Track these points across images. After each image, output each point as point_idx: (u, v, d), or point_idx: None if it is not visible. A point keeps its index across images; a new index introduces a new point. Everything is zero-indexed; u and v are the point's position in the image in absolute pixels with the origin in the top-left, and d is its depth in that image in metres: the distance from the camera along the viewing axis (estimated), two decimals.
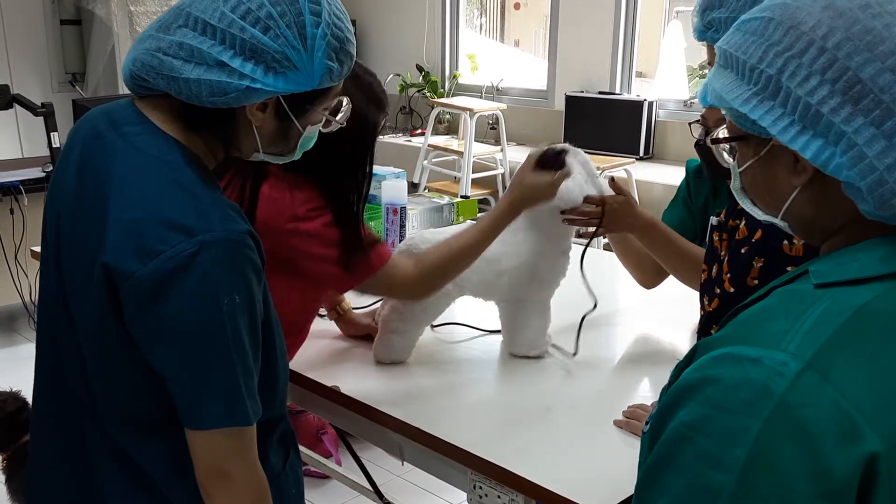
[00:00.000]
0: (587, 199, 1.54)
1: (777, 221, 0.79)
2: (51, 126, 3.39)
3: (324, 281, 1.43)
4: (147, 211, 0.93)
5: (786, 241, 1.21)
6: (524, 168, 1.51)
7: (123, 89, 4.99)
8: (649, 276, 1.74)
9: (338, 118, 1.12)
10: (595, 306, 1.60)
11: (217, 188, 1.01)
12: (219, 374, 0.95)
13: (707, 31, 1.36)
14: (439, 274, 1.44)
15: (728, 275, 1.30)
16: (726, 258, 1.31)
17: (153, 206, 0.94)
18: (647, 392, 1.49)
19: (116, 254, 0.92)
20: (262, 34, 0.95)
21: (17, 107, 3.33)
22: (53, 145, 3.40)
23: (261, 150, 1.07)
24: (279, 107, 1.02)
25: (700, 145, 1.50)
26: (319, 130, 1.11)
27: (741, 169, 0.80)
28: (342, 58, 1.02)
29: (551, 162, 1.50)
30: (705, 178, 1.67)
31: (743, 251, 1.27)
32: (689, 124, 1.53)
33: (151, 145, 0.98)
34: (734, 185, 0.83)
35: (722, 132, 0.82)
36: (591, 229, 1.57)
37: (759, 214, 0.82)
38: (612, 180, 1.60)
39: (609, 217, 1.55)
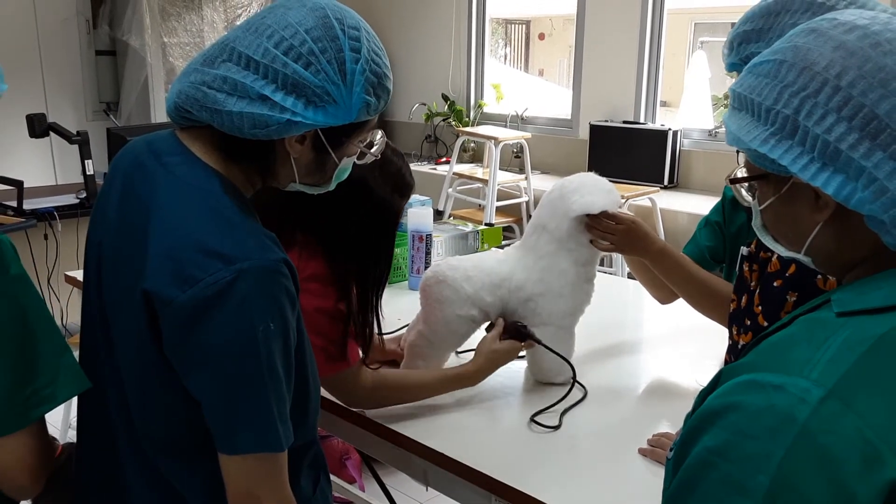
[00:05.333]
0: (604, 215, 1.57)
1: (800, 257, 0.81)
2: (85, 154, 3.46)
3: None
4: (186, 238, 0.96)
5: (819, 276, 1.21)
6: (491, 337, 1.58)
7: (155, 118, 5.10)
8: (665, 293, 1.75)
9: (373, 151, 1.15)
10: (574, 377, 1.62)
11: (254, 217, 1.04)
12: (252, 400, 0.96)
13: (744, 64, 1.35)
14: (388, 399, 1.49)
15: (759, 307, 1.30)
16: (757, 290, 1.31)
17: (192, 233, 0.96)
18: (671, 420, 1.49)
19: (156, 280, 0.95)
20: (304, 69, 0.98)
21: (52, 135, 3.41)
22: (87, 173, 3.48)
23: (297, 180, 1.09)
24: (317, 139, 1.05)
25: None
26: (354, 162, 1.14)
27: (762, 207, 0.82)
28: (379, 92, 1.04)
29: (513, 334, 1.58)
30: (742, 207, 1.67)
31: (776, 284, 1.27)
32: (738, 151, 1.54)
33: (191, 175, 1.01)
34: (755, 222, 0.85)
35: (741, 171, 0.83)
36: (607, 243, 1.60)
37: (781, 251, 0.83)
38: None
39: (623, 238, 1.58)
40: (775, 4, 1.24)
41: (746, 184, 0.85)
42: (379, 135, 1.14)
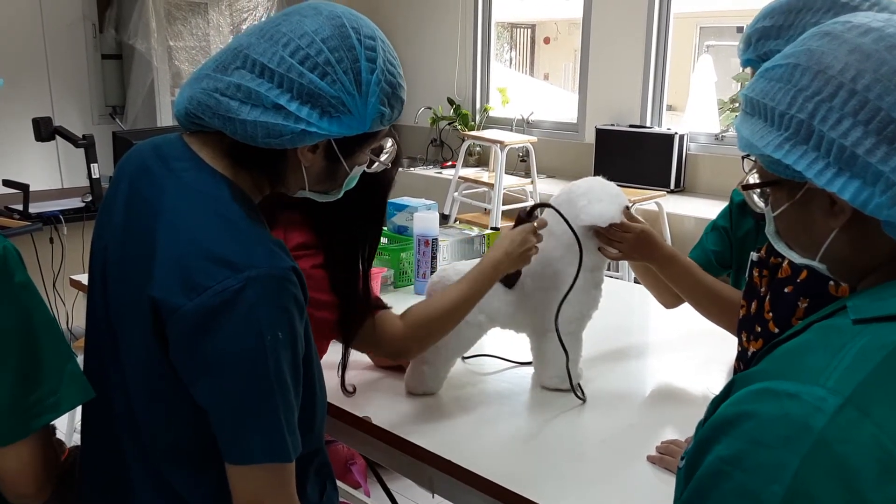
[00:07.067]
0: (612, 225, 1.56)
1: (815, 264, 0.79)
2: (91, 157, 3.47)
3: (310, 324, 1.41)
4: (194, 246, 0.95)
5: (832, 282, 1.19)
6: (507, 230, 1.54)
7: (161, 122, 5.11)
8: (670, 298, 1.75)
9: (382, 159, 1.14)
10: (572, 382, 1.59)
11: (262, 224, 1.03)
12: (260, 410, 0.95)
13: (762, 61, 1.29)
14: (425, 332, 1.41)
15: (770, 313, 1.29)
16: (768, 296, 1.30)
17: (200, 241, 0.95)
18: (679, 427, 1.48)
19: (163, 288, 0.94)
20: (320, 79, 0.97)
21: (58, 138, 3.41)
22: (93, 176, 3.48)
23: (307, 188, 1.09)
24: (329, 148, 1.04)
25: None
26: (364, 170, 1.14)
27: (776, 213, 0.81)
28: (393, 102, 1.04)
29: (525, 219, 1.55)
30: (749, 212, 1.66)
31: (787, 290, 1.26)
32: (742, 158, 1.54)
33: (199, 181, 1.01)
34: (769, 229, 0.83)
35: (753, 177, 0.82)
36: (614, 251, 1.59)
37: (795, 258, 0.82)
38: (626, 209, 1.61)
39: (631, 246, 1.57)
40: (797, 1, 1.22)
41: (759, 190, 0.83)
42: (389, 143, 1.14)
